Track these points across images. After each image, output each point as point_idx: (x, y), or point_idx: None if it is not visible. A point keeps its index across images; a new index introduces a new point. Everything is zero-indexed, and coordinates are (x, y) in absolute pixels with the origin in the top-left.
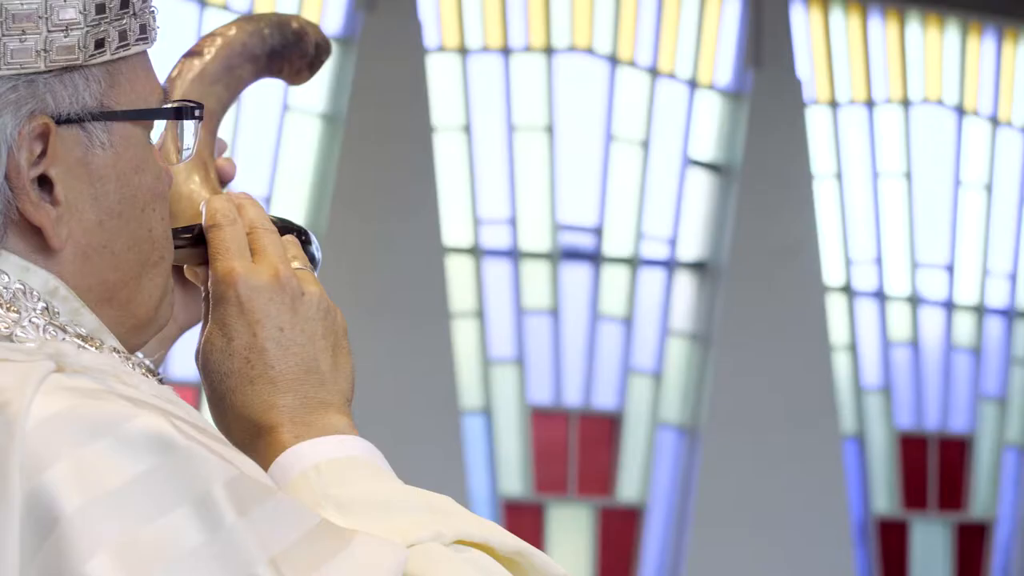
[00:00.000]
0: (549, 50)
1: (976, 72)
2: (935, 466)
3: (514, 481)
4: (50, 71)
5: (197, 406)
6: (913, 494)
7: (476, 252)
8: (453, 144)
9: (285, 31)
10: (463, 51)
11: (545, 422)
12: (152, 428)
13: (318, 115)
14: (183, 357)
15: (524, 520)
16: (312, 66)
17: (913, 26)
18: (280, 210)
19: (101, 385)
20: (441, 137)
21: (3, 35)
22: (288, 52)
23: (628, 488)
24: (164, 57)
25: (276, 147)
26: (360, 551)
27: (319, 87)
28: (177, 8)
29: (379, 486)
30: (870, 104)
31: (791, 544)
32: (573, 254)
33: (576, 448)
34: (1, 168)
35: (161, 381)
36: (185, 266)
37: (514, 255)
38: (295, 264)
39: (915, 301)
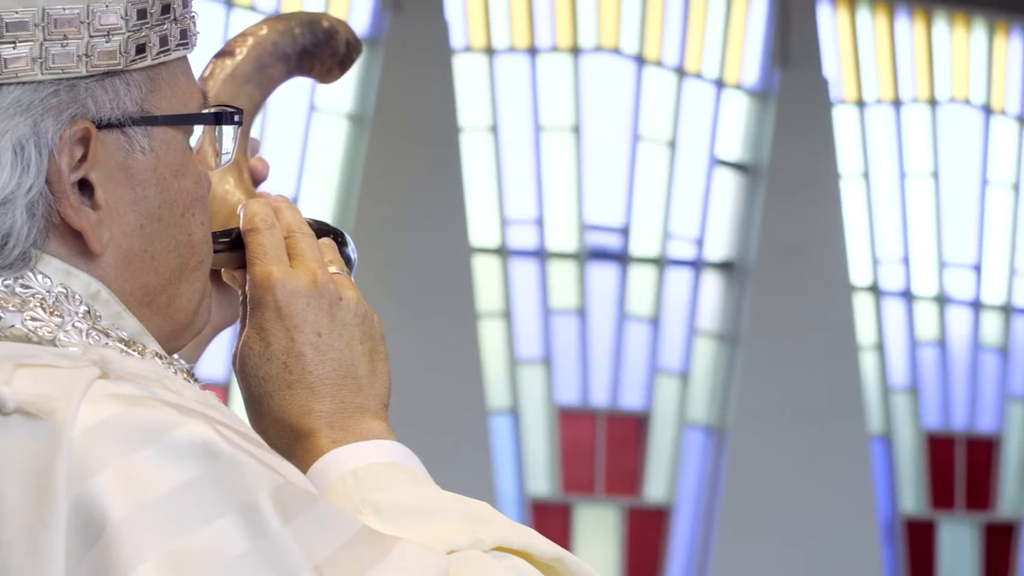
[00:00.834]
0: (576, 50)
1: (1003, 71)
2: (963, 466)
3: (541, 481)
4: (91, 76)
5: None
6: (941, 494)
7: (503, 252)
8: (480, 144)
9: (316, 30)
10: (490, 51)
11: (572, 422)
12: (198, 436)
13: (345, 116)
14: (209, 357)
15: (551, 520)
16: (343, 64)
17: (940, 25)
18: (307, 211)
19: (146, 392)
20: (468, 137)
21: (45, 39)
22: (319, 51)
23: (655, 488)
24: (192, 60)
25: (303, 148)
26: (402, 558)
27: (346, 88)
28: (204, 8)
29: (417, 491)
30: (897, 103)
31: (818, 544)
32: (600, 254)
33: (603, 448)
34: (42, 172)
35: (197, 382)
36: (223, 270)
37: (541, 255)
38: (332, 268)
39: (942, 300)
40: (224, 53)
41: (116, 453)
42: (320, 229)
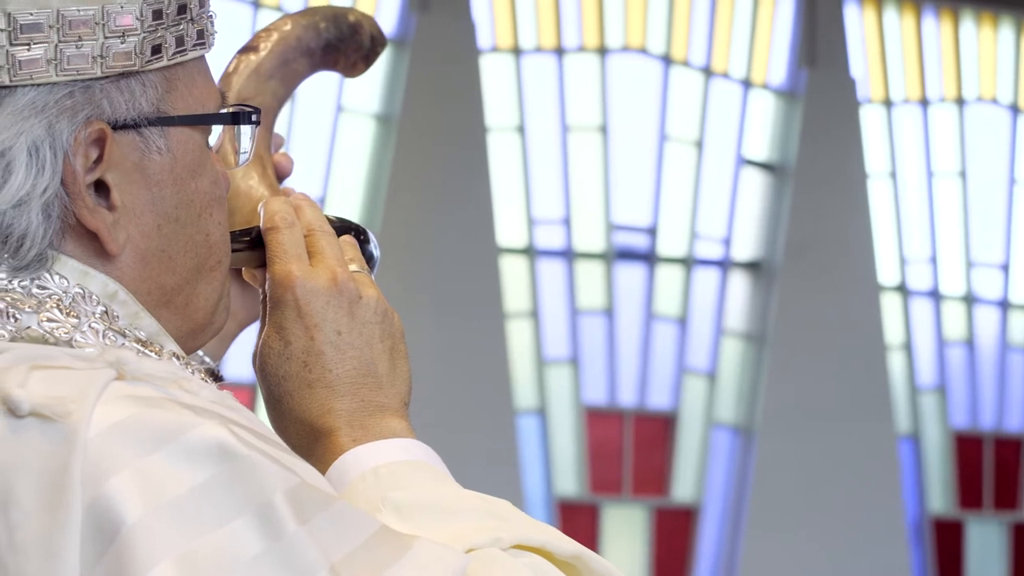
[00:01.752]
0: (603, 50)
1: None
2: (990, 465)
3: (569, 481)
4: (107, 77)
5: (251, 407)
6: (969, 494)
7: (530, 252)
8: (507, 144)
9: (340, 24)
10: (516, 51)
11: (600, 422)
12: (213, 437)
13: (372, 116)
14: (235, 358)
15: (579, 520)
16: (368, 59)
17: (967, 25)
18: (334, 211)
19: (162, 393)
20: (495, 137)
21: (60, 41)
22: (343, 45)
23: (683, 488)
24: (217, 58)
25: (330, 148)
26: (420, 556)
27: (373, 88)
28: (231, 8)
29: (438, 490)
30: (924, 103)
31: (846, 544)
32: (627, 254)
33: (631, 448)
34: (57, 173)
35: (220, 379)
36: (244, 269)
37: (568, 255)
38: (353, 267)
39: (970, 300)
40: (248, 48)
41: (131, 455)
42: (342, 226)
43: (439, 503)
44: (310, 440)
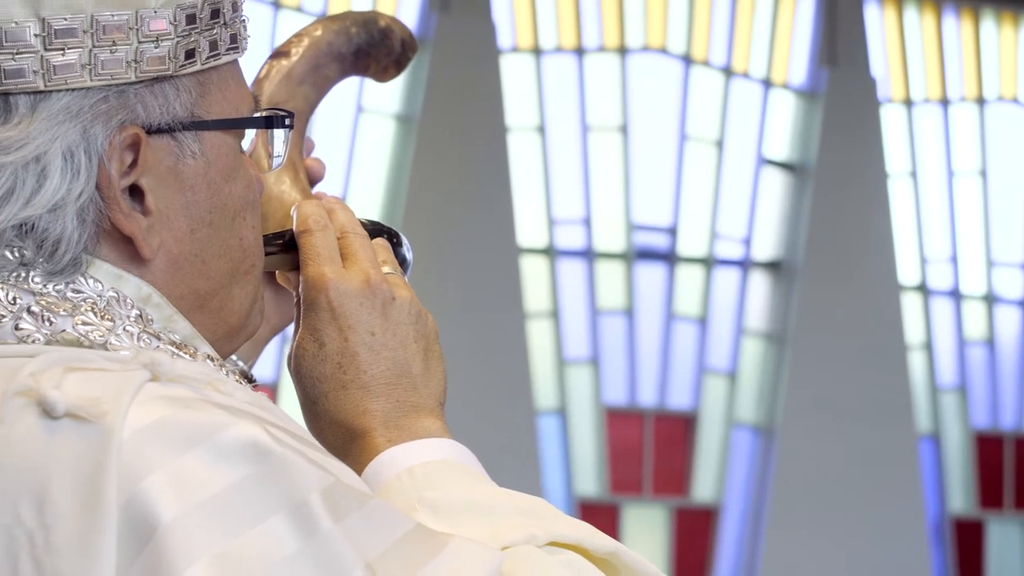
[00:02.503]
0: (623, 50)
1: None
2: (1011, 465)
3: (589, 481)
4: (141, 81)
5: None
6: (989, 493)
7: (551, 252)
8: (527, 144)
9: (371, 29)
10: (537, 51)
11: (620, 422)
12: (247, 436)
13: (392, 116)
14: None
15: (599, 520)
16: (399, 63)
17: (988, 24)
18: (354, 211)
19: (196, 394)
20: (515, 137)
21: (94, 46)
22: (374, 50)
23: (703, 488)
24: (244, 61)
25: (351, 148)
26: (455, 555)
27: (394, 88)
28: (251, 10)
29: (472, 488)
30: (945, 102)
31: (866, 544)
32: (647, 254)
33: (651, 448)
34: (92, 178)
35: (253, 381)
36: (277, 272)
37: (588, 255)
38: (386, 268)
39: (991, 300)
40: (279, 54)
41: (166, 455)
42: (374, 229)
43: (474, 502)
44: (346, 441)
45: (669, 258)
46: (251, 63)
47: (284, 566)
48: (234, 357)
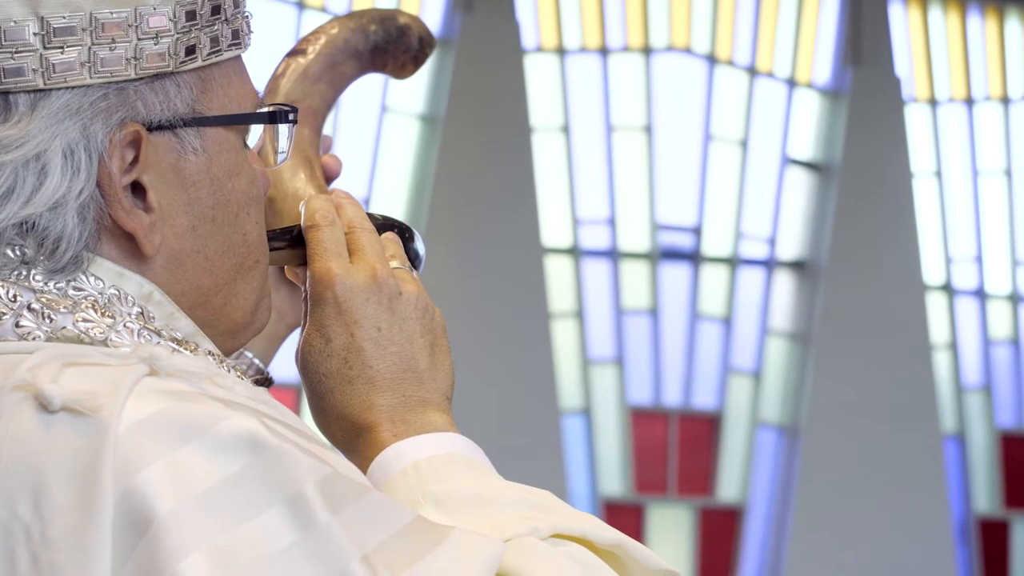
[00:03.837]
0: (647, 50)
1: None
2: None
3: (614, 481)
4: (141, 78)
5: (296, 409)
6: (1015, 493)
7: (575, 252)
8: (551, 145)
9: (388, 26)
10: (561, 51)
11: (645, 422)
12: (243, 429)
13: (416, 116)
14: (278, 359)
15: (624, 520)
16: (417, 60)
17: (1012, 23)
18: (378, 212)
19: (194, 387)
20: (539, 138)
21: (93, 44)
22: (391, 47)
23: (728, 488)
24: (263, 61)
25: (375, 149)
26: (455, 546)
27: (418, 89)
28: (275, 10)
29: (477, 481)
30: (969, 102)
31: (891, 544)
32: (672, 254)
33: (676, 448)
34: (92, 176)
35: (271, 381)
36: (286, 267)
37: (613, 255)
38: (393, 263)
39: (1015, 299)
40: (296, 52)
41: (162, 448)
42: (384, 224)
43: (479, 494)
44: (352, 436)
45: (694, 258)
46: (273, 64)
47: (281, 558)
48: (250, 355)
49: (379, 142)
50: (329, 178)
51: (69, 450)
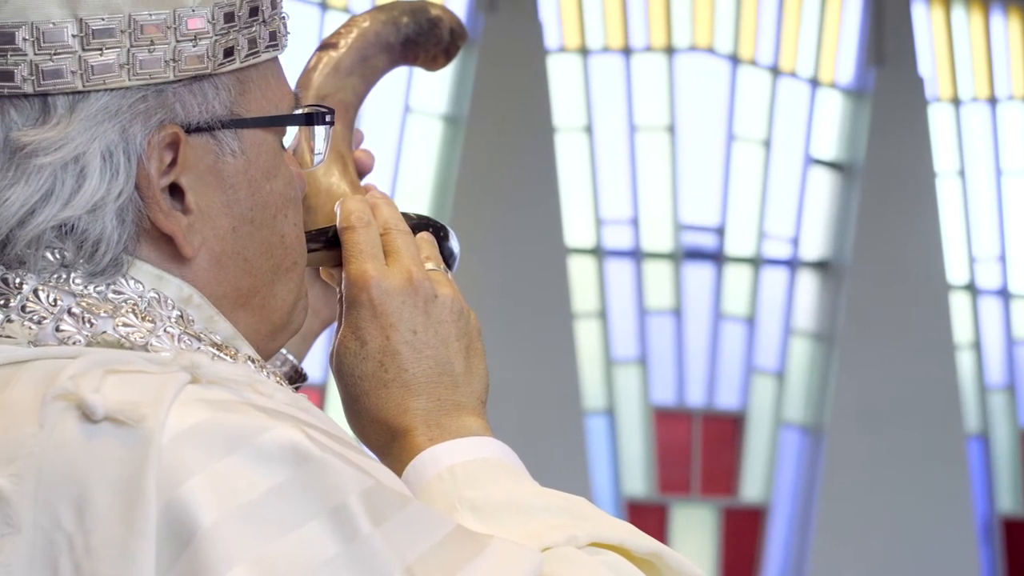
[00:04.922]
0: (670, 50)
1: None
2: None
3: (637, 481)
4: (179, 80)
5: (322, 408)
6: None
7: (598, 252)
8: (574, 144)
9: (420, 19)
10: (584, 51)
11: (668, 422)
12: (287, 440)
13: (440, 116)
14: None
15: (647, 520)
16: (448, 52)
17: None
18: (401, 206)
19: (236, 396)
20: (562, 138)
21: (132, 46)
22: (423, 39)
23: (751, 488)
24: (284, 61)
25: (398, 149)
26: (495, 556)
27: (441, 89)
28: (298, 10)
29: (514, 488)
30: (993, 101)
31: (915, 543)
32: (695, 254)
33: (699, 448)
34: (131, 178)
35: (304, 377)
36: (321, 268)
37: (636, 255)
38: (429, 265)
39: None
40: (328, 45)
41: (205, 459)
42: (419, 224)
43: (515, 502)
44: (387, 439)
45: (717, 258)
46: (299, 63)
47: (324, 570)
48: (284, 351)
49: (402, 142)
50: (361, 173)
51: (113, 460)
